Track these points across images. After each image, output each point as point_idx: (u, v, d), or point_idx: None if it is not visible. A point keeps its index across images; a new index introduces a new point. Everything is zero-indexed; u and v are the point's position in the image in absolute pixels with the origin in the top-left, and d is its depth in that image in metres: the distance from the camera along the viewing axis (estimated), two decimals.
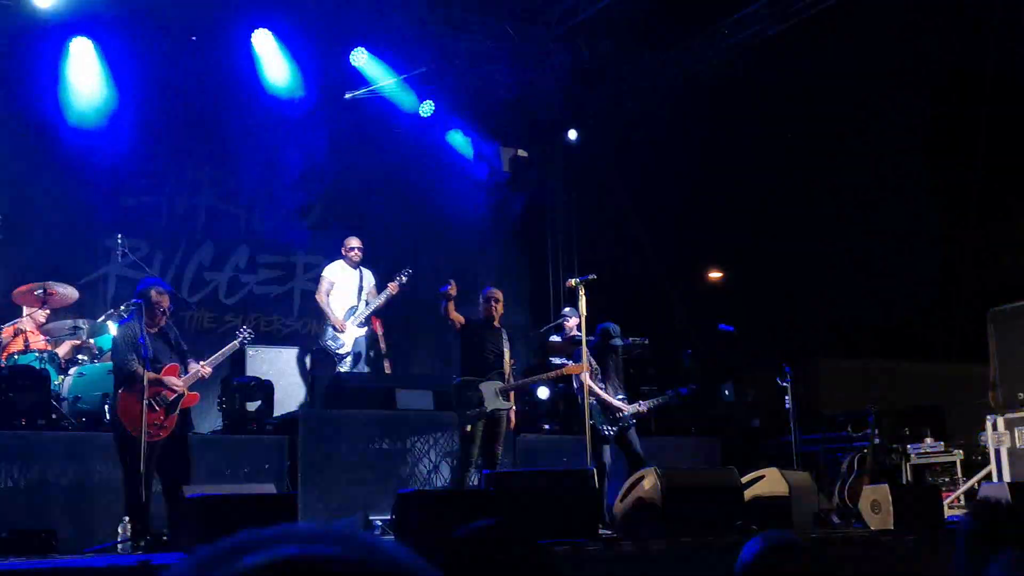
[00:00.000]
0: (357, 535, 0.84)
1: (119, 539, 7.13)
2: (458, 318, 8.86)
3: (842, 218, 13.98)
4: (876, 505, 7.56)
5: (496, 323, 8.90)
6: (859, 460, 9.56)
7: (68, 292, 9.61)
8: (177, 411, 7.72)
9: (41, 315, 9.39)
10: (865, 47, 11.40)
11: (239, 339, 8.54)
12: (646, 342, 11.37)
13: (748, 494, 7.95)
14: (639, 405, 9.21)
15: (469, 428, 8.53)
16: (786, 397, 9.85)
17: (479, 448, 8.53)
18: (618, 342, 9.35)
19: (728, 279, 15.16)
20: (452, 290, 8.76)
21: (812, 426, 11.11)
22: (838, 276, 14.02)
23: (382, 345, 10.86)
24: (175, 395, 7.69)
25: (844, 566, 6.42)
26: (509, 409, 8.73)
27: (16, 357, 8.86)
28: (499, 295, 9.02)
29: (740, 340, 10.28)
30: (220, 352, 8.33)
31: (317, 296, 10.88)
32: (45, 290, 9.29)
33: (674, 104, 13.24)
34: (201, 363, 7.99)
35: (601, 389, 9.03)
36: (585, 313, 8.64)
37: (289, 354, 10.95)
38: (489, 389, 8.58)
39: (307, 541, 0.81)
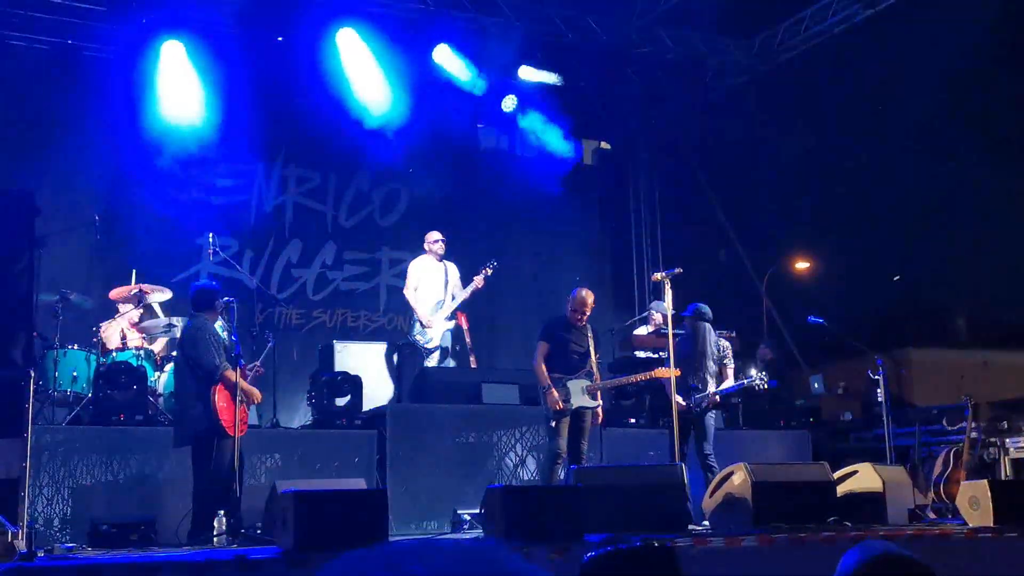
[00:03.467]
0: None
1: (215, 533, 7.30)
2: None
3: (933, 204, 13.61)
4: (975, 501, 7.35)
5: (583, 322, 8.82)
6: (955, 454, 9.30)
7: (162, 294, 9.86)
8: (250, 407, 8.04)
9: (135, 314, 9.64)
10: (960, 33, 11.05)
11: (268, 344, 8.80)
12: (733, 334, 11.21)
13: (841, 489, 7.81)
14: (705, 393, 8.93)
15: (554, 423, 8.52)
16: (878, 390, 9.64)
17: (566, 443, 8.50)
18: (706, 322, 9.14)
19: (816, 269, 14.87)
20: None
21: (905, 419, 10.84)
22: (929, 264, 13.65)
23: (468, 340, 10.91)
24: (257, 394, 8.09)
25: (943, 564, 6.25)
26: (595, 407, 8.67)
27: (114, 355, 9.11)
28: (588, 301, 8.84)
29: (830, 332, 10.07)
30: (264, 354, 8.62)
31: (405, 292, 10.98)
32: (141, 291, 9.55)
33: (758, 93, 13.05)
34: (256, 363, 8.34)
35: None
36: (671, 307, 8.55)
37: (376, 349, 11.05)
38: (576, 387, 8.54)
39: None
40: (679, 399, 8.60)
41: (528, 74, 12.65)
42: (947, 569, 6.77)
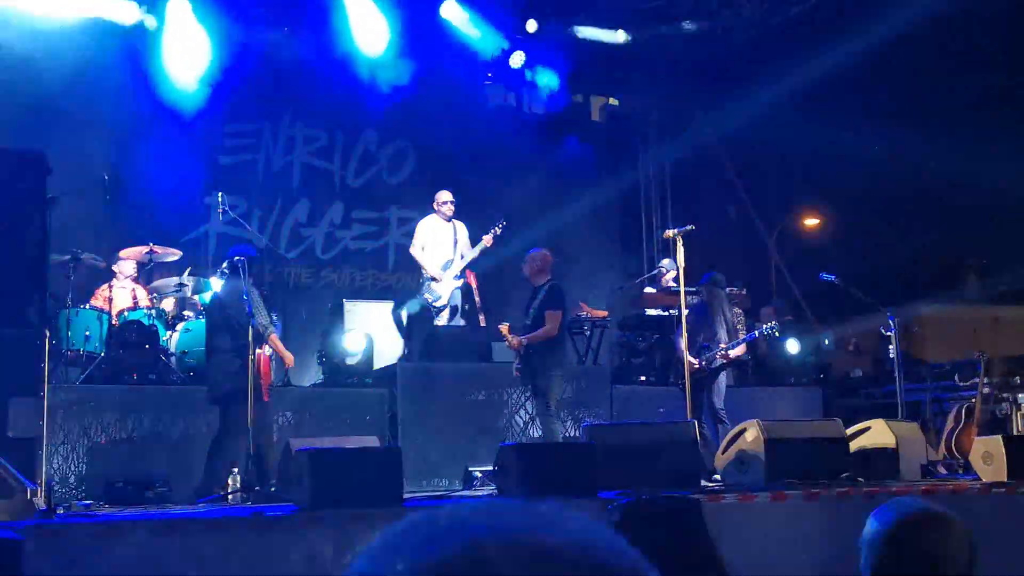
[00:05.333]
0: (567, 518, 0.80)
1: (229, 490, 7.34)
2: None
3: (944, 160, 13.50)
4: (988, 456, 7.36)
5: (535, 282, 8.85)
6: (967, 410, 9.31)
7: (171, 253, 9.85)
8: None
9: (129, 268, 9.63)
10: None
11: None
12: (744, 291, 11.20)
13: (853, 445, 7.82)
14: (715, 350, 9.00)
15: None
16: (890, 346, 9.63)
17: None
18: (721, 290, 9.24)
19: (825, 225, 14.82)
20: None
21: (916, 375, 10.84)
22: (940, 221, 13.60)
23: (477, 298, 10.89)
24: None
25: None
26: (525, 369, 8.67)
27: (126, 314, 9.12)
28: (532, 257, 8.96)
29: (841, 288, 10.04)
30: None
31: (411, 250, 10.95)
32: (151, 251, 9.54)
33: (767, 45, 12.89)
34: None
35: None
36: (683, 264, 8.52)
37: (385, 308, 11.06)
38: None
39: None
40: (691, 359, 8.64)
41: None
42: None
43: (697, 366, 8.78)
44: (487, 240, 10.59)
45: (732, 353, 9.00)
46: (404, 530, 0.79)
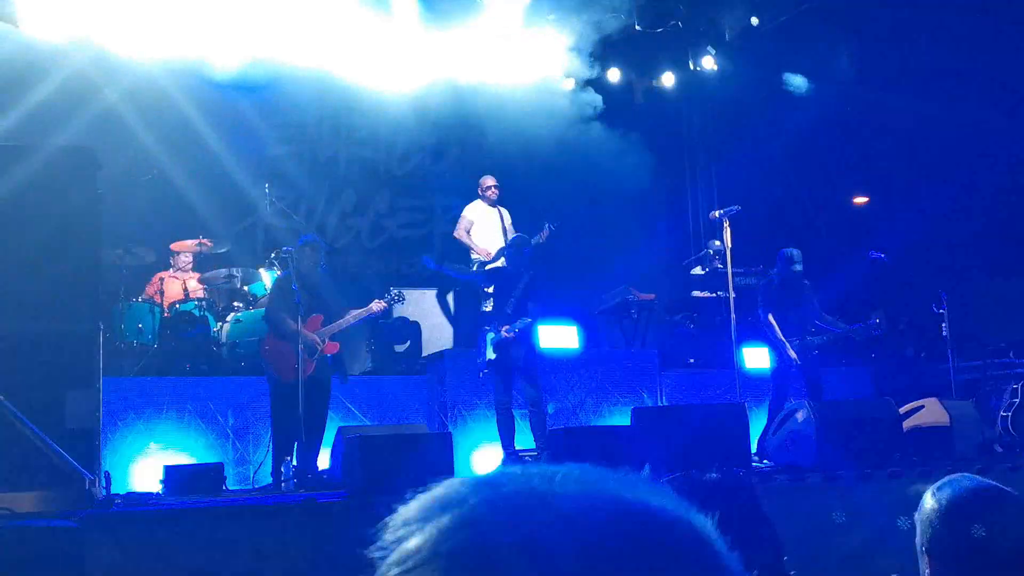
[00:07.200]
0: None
1: (283, 477, 7.42)
2: None
3: (997, 130, 13.24)
4: None
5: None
6: (1023, 387, 9.14)
7: (221, 245, 9.97)
8: (316, 357, 7.97)
9: (185, 260, 9.75)
10: None
11: (387, 298, 8.64)
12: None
13: (907, 425, 7.73)
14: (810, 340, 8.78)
15: None
16: (942, 324, 9.49)
17: None
18: (798, 267, 8.87)
19: (875, 203, 14.60)
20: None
21: (970, 353, 10.65)
22: (991, 193, 13.33)
23: None
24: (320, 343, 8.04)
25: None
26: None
27: (177, 306, 9.25)
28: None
29: (892, 266, 9.89)
30: (365, 308, 8.51)
31: (456, 234, 10.96)
32: (200, 243, 9.66)
33: (814, 18, 12.71)
34: (352, 311, 8.33)
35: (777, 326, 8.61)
36: (731, 245, 8.46)
37: (432, 295, 11.11)
38: None
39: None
40: (792, 353, 8.41)
41: None
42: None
43: (795, 359, 8.48)
44: (538, 239, 10.58)
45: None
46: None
